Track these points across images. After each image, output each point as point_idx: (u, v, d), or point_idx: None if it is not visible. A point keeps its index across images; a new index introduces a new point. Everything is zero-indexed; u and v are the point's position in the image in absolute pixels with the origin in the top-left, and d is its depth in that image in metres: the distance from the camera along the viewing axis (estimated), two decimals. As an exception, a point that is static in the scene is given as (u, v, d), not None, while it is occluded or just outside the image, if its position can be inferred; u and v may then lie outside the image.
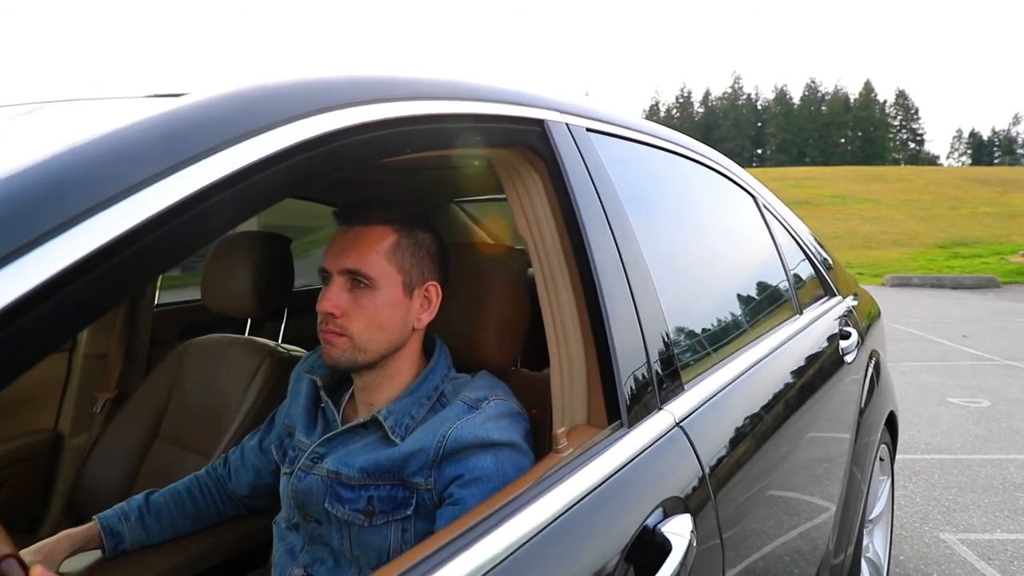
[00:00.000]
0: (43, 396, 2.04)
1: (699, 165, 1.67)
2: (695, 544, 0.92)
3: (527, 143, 1.04)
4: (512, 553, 0.75)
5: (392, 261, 1.10)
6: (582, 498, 0.85)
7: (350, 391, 1.23)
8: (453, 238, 1.91)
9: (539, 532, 0.79)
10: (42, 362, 1.58)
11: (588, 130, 1.19)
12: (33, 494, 1.98)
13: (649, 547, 0.88)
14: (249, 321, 2.11)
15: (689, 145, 1.64)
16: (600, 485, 0.88)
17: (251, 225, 2.84)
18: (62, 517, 2.00)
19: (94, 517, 1.33)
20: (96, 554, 1.31)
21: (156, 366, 2.00)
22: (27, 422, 2.01)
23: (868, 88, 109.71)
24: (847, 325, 2.09)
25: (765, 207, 1.98)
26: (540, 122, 1.06)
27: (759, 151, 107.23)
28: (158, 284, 2.37)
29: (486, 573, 0.73)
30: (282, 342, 2.10)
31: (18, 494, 1.94)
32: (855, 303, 2.40)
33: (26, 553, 1.22)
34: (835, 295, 2.28)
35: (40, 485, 1.99)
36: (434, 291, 1.15)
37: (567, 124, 1.13)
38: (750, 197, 1.93)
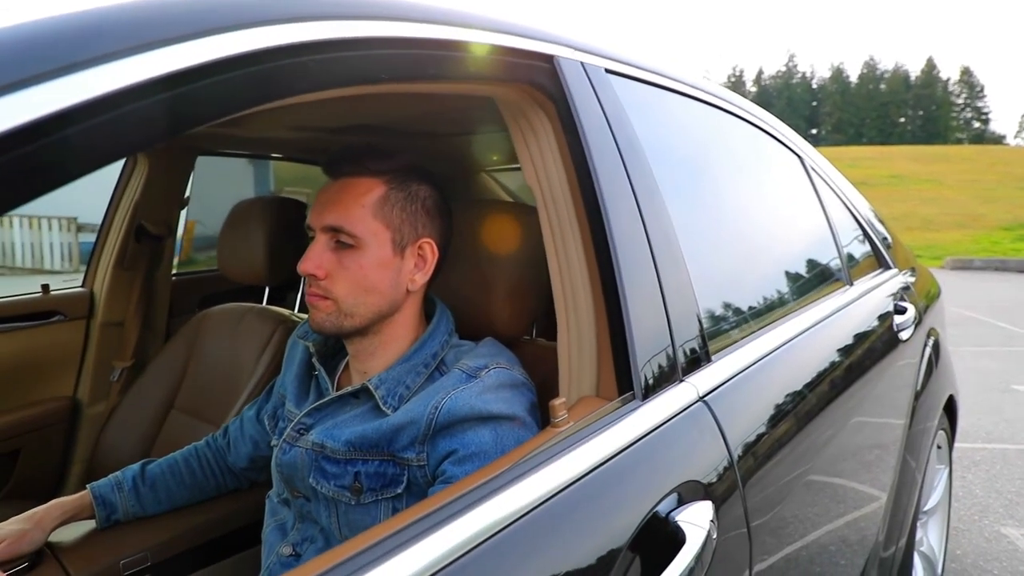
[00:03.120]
0: (62, 364, 2.03)
1: (738, 119, 1.52)
2: (715, 536, 0.80)
3: (533, 80, 0.92)
4: (494, 535, 0.65)
5: (379, 216, 0.99)
6: (580, 478, 0.74)
7: (346, 359, 1.13)
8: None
9: (527, 513, 0.68)
10: (61, 329, 1.52)
11: (607, 71, 1.07)
12: (52, 462, 1.97)
13: (659, 538, 0.76)
14: (267, 290, 2.05)
15: (727, 97, 1.49)
16: (603, 464, 0.77)
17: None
18: (80, 486, 1.97)
19: (87, 486, 1.27)
20: (89, 524, 1.26)
21: (174, 335, 1.96)
22: (46, 389, 2.00)
23: (930, 65, 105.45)
24: (903, 300, 1.92)
25: (813, 169, 1.81)
26: (549, 58, 0.94)
27: (814, 131, 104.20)
28: (176, 254, 2.33)
29: (461, 556, 0.63)
30: (299, 311, 2.04)
31: (37, 462, 1.92)
32: (912, 279, 2.21)
33: (15, 520, 1.18)
34: (890, 268, 2.09)
35: (59, 453, 1.98)
36: (429, 249, 1.04)
37: (582, 63, 1.01)
38: (796, 157, 1.77)
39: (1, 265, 10.84)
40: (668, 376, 0.94)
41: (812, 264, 1.71)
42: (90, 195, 2.09)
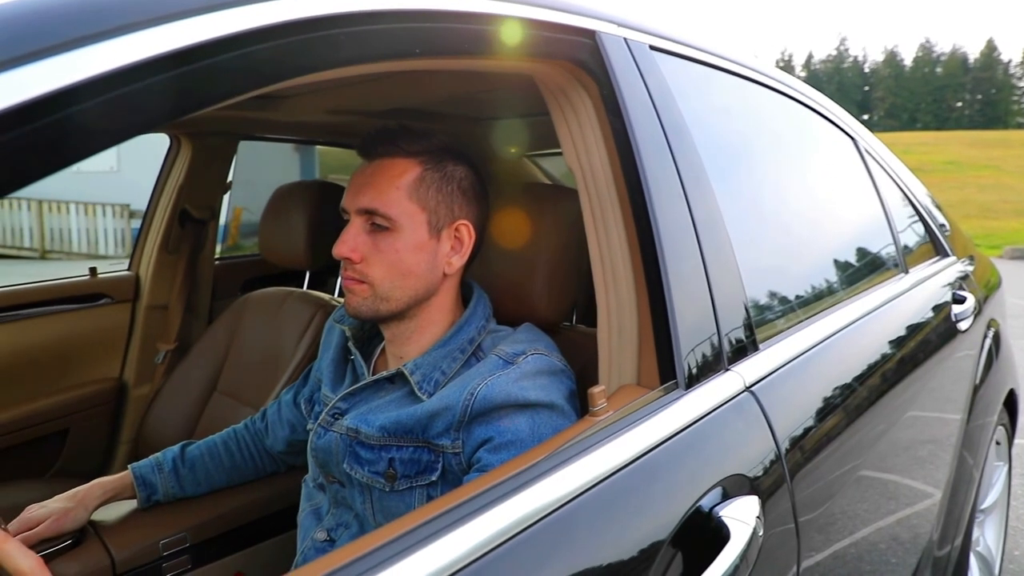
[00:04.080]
0: (109, 345, 2.06)
1: (789, 100, 1.46)
2: (761, 533, 0.76)
3: (574, 57, 0.89)
4: (529, 526, 0.63)
5: (415, 198, 0.97)
6: (620, 469, 0.71)
7: (382, 344, 1.12)
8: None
9: (564, 504, 0.66)
10: (108, 312, 1.54)
11: (652, 48, 1.02)
12: (99, 442, 2.01)
13: (702, 534, 0.73)
14: (308, 275, 2.06)
15: (777, 76, 1.43)
16: (644, 455, 0.74)
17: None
18: (126, 466, 2.03)
19: (129, 466, 1.29)
20: (131, 504, 1.28)
21: (216, 319, 1.98)
22: (94, 370, 2.04)
23: (990, 47, 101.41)
24: (961, 289, 1.83)
25: (867, 151, 1.73)
26: (591, 33, 0.90)
27: (865, 117, 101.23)
28: (224, 240, 2.36)
29: (495, 547, 0.61)
30: (339, 295, 2.04)
31: (85, 441, 1.97)
32: (971, 267, 2.11)
33: (60, 499, 1.20)
34: (948, 255, 2.00)
35: (106, 433, 2.02)
36: (466, 231, 1.02)
37: (625, 39, 0.97)
38: (849, 139, 1.69)
39: (59, 250, 11.22)
40: (713, 365, 0.90)
41: (866, 250, 1.64)
42: (143, 182, 2.11)
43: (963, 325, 1.71)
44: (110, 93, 0.46)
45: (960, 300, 1.76)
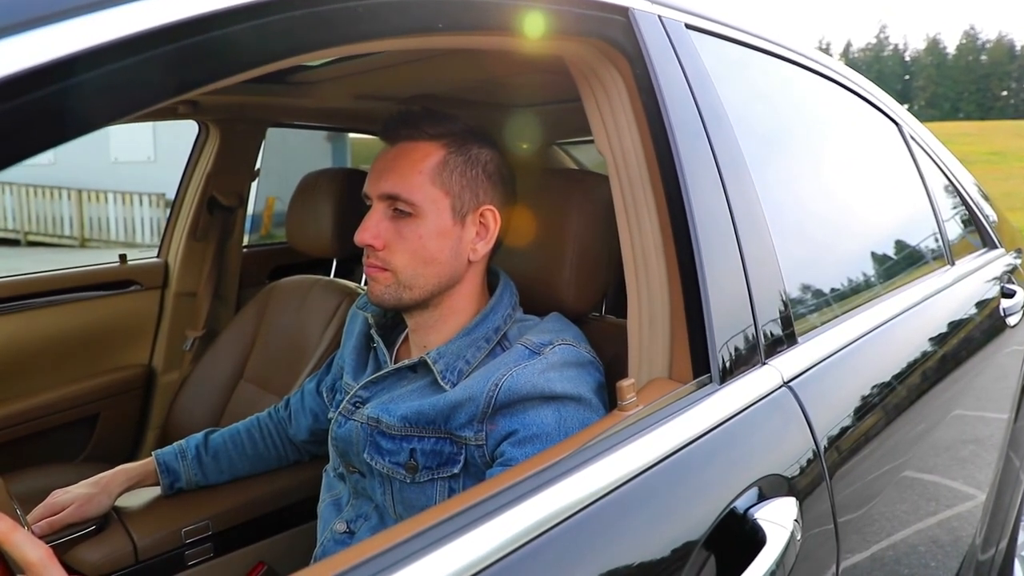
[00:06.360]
0: (138, 332, 2.08)
1: (831, 83, 1.40)
2: (799, 536, 0.72)
3: (605, 35, 0.85)
4: (555, 526, 0.60)
5: (438, 183, 0.94)
6: (650, 467, 0.67)
7: (405, 332, 1.10)
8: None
9: (591, 503, 0.63)
10: (138, 298, 1.55)
11: (688, 27, 0.98)
12: (129, 427, 2.03)
13: (736, 537, 0.69)
14: (335, 263, 2.04)
15: (819, 59, 1.37)
16: (675, 453, 0.70)
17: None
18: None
19: (152, 453, 1.28)
20: (154, 491, 1.28)
21: (244, 307, 1.98)
22: (124, 357, 2.05)
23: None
24: (1011, 282, 1.76)
25: (912, 137, 1.66)
26: (624, 10, 0.87)
27: (906, 107, 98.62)
28: (257, 231, 2.36)
29: (519, 547, 0.58)
30: (365, 284, 2.03)
31: (115, 426, 1.98)
32: (1019, 260, 2.03)
33: (84, 484, 1.20)
34: (997, 247, 1.92)
35: (135, 419, 2.04)
36: (491, 216, 0.98)
37: (660, 16, 0.93)
38: (894, 125, 1.62)
39: (98, 238, 11.45)
40: (749, 358, 0.86)
41: (910, 241, 1.57)
42: (179, 172, 2.11)
43: (1012, 320, 1.64)
44: (113, 64, 0.44)
45: (1009, 294, 1.69)
